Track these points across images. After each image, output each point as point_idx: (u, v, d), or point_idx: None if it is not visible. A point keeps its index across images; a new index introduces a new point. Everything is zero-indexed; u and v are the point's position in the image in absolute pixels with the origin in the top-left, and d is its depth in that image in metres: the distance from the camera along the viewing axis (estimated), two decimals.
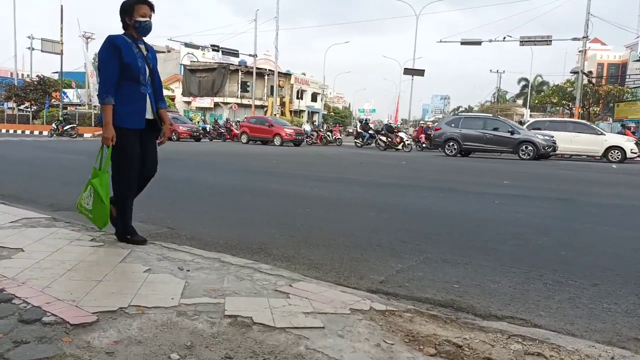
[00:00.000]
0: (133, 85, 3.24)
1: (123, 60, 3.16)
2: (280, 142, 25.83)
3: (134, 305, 2.22)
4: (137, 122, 3.28)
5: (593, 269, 3.45)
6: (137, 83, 3.25)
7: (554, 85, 45.22)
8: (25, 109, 37.44)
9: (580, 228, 5.08)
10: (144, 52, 3.32)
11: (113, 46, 3.17)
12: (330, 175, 10.01)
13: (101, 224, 3.34)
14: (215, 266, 2.93)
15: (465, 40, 33.33)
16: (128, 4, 3.26)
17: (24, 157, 12.48)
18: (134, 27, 3.26)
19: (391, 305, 2.45)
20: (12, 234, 3.48)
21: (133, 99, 3.24)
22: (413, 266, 3.38)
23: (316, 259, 3.48)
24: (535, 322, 2.44)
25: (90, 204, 3.31)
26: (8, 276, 2.53)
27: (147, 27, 3.28)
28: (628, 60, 53.16)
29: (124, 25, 3.32)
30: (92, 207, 3.30)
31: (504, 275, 3.23)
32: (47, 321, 2.00)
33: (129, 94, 3.22)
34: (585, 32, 28.47)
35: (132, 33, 3.28)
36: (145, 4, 3.27)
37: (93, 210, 3.30)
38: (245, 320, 2.11)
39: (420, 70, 38.30)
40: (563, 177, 11.46)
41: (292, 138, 26.20)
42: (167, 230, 4.24)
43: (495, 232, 4.64)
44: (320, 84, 59.05)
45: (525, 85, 56.52)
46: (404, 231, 4.56)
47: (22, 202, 5.22)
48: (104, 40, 3.22)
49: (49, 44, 35.62)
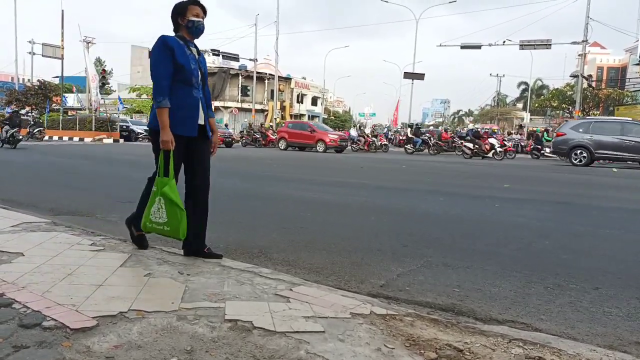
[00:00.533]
0: (185, 88, 3.09)
1: (177, 62, 3.03)
2: (324, 149, 24.16)
3: (134, 309, 2.21)
4: (189, 128, 3.11)
5: (594, 272, 3.44)
6: (190, 86, 3.11)
7: (554, 89, 45.30)
8: (26, 114, 37.47)
9: (581, 231, 5.07)
10: (196, 55, 3.20)
11: (166, 46, 3.03)
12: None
13: (181, 234, 3.05)
14: (216, 270, 2.93)
15: (465, 44, 33.43)
16: (181, 5, 3.15)
17: (24, 162, 12.49)
18: (186, 27, 3.14)
19: (392, 309, 2.44)
20: (12, 238, 3.48)
21: (185, 104, 3.09)
22: (414, 270, 3.37)
23: (316, 263, 3.48)
24: (536, 326, 2.44)
25: (163, 216, 3.04)
26: (8, 280, 2.53)
27: (200, 27, 3.17)
28: (628, 64, 53.24)
29: (175, 27, 3.20)
30: (168, 218, 3.04)
31: (504, 279, 3.23)
32: (47, 326, 1.99)
33: (182, 98, 3.08)
34: (584, 36, 28.53)
35: (183, 34, 3.15)
36: (198, 6, 3.16)
37: (169, 222, 3.03)
38: (245, 325, 2.11)
39: (420, 74, 38.38)
40: (563, 180, 11.45)
41: (337, 144, 24.50)
42: None
43: (496, 236, 4.64)
44: (321, 88, 59.16)
45: (525, 89, 56.55)
46: (405, 235, 4.55)
47: (23, 206, 5.22)
48: (156, 40, 3.07)
49: (50, 48, 35.73)
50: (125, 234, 3.98)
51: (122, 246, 3.41)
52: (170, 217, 3.03)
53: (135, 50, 56.61)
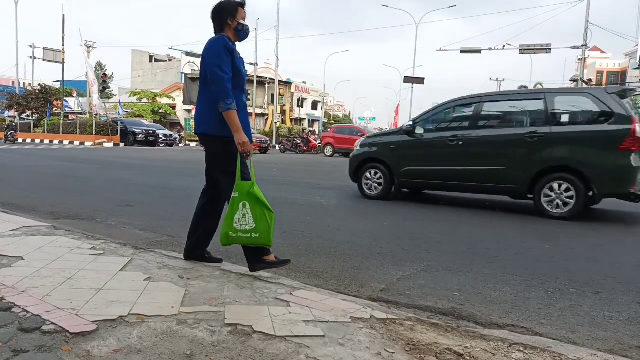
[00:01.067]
0: (238, 92, 2.95)
1: (235, 65, 2.91)
2: None
3: (134, 313, 2.21)
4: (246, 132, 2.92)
5: (594, 276, 3.44)
6: (242, 91, 3.00)
7: None
8: (26, 118, 37.54)
9: (581, 235, 5.06)
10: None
11: (227, 49, 2.87)
12: None
13: (270, 240, 2.85)
14: (216, 274, 2.93)
15: (465, 49, 33.46)
16: (232, 5, 3.01)
17: (25, 166, 12.50)
18: (235, 29, 3.00)
19: (392, 313, 2.44)
20: (12, 242, 3.48)
21: (240, 109, 2.92)
22: (414, 274, 3.37)
23: (317, 267, 3.47)
24: (537, 330, 2.43)
25: (250, 222, 2.79)
26: (8, 284, 2.53)
27: (247, 31, 3.06)
28: (627, 68, 53.35)
29: (219, 28, 3.02)
30: (256, 224, 2.80)
31: (505, 283, 3.22)
32: (46, 330, 1.99)
33: (237, 103, 2.90)
34: (584, 41, 28.58)
35: (230, 36, 2.99)
36: (244, 9, 3.05)
37: (257, 227, 2.80)
38: (245, 329, 2.11)
39: (420, 79, 38.43)
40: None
41: None
42: (168, 238, 4.23)
43: (497, 240, 4.63)
44: (321, 92, 59.24)
45: None
46: (405, 239, 4.55)
47: (23, 210, 5.22)
48: (212, 41, 2.92)
49: (51, 53, 35.82)
50: (125, 237, 3.99)
51: (122, 250, 3.40)
52: (259, 221, 2.79)
53: (135, 55, 56.78)
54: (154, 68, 55.51)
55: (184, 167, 13.15)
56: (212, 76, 2.84)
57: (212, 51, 2.89)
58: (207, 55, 2.91)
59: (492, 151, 6.38)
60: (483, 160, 6.41)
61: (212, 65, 2.85)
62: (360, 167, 7.61)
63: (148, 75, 55.12)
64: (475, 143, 6.51)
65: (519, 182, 6.11)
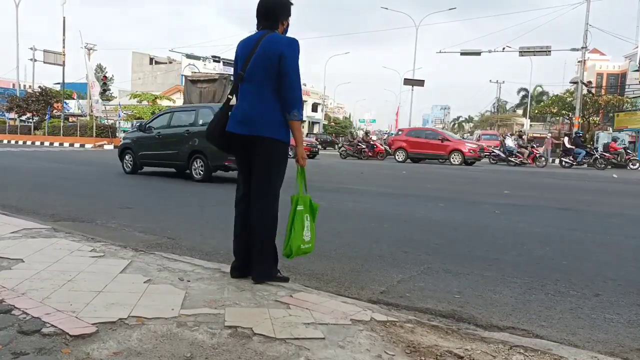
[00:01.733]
0: None
1: None
2: (460, 161, 20.71)
3: (134, 316, 2.21)
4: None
5: (595, 278, 3.44)
6: None
7: (554, 95, 45.36)
8: (27, 120, 37.57)
9: (581, 237, 5.07)
10: None
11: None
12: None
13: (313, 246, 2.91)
14: (216, 276, 2.92)
15: (464, 51, 33.54)
16: (289, 3, 2.85)
17: (26, 168, 12.50)
18: (285, 30, 2.85)
19: (392, 315, 2.43)
20: (12, 244, 3.48)
21: None
22: (414, 276, 3.37)
23: (317, 269, 3.47)
24: (537, 332, 2.43)
25: (309, 234, 2.80)
26: (8, 287, 2.52)
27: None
28: (627, 71, 53.39)
29: (273, 24, 2.80)
30: (312, 236, 2.83)
31: (505, 285, 3.22)
32: (46, 332, 1.99)
33: None
34: (584, 43, 28.62)
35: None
36: None
37: (312, 239, 2.83)
38: (245, 331, 2.10)
39: (420, 81, 38.50)
40: (562, 186, 11.45)
41: (476, 155, 21.24)
42: (168, 240, 4.23)
43: (497, 242, 4.63)
44: (321, 94, 59.29)
45: (525, 96, 56.69)
46: (405, 241, 4.55)
47: (23, 212, 5.22)
48: (293, 42, 2.72)
49: (51, 55, 35.90)
50: (125, 239, 3.98)
51: (122, 252, 3.40)
52: (313, 233, 2.84)
53: (136, 57, 56.79)
54: (154, 70, 55.51)
55: None
56: (293, 82, 2.66)
57: (295, 54, 2.69)
58: (289, 56, 2.66)
59: (172, 142, 10.03)
60: (169, 147, 10.08)
61: (294, 70, 2.67)
62: (122, 153, 11.27)
63: (148, 77, 55.12)
64: (166, 136, 10.23)
65: (183, 161, 9.74)
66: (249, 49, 2.76)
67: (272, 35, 2.74)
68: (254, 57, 2.72)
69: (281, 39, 2.73)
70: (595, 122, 39.02)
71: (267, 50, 2.68)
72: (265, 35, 2.74)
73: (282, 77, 2.65)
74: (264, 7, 2.78)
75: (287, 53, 2.66)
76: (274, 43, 2.69)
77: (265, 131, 2.70)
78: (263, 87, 2.71)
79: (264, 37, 2.73)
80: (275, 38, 2.73)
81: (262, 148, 2.73)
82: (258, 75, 2.71)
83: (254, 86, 2.74)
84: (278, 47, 2.67)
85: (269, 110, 2.71)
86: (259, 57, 2.70)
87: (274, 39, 2.72)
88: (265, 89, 2.71)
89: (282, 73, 2.65)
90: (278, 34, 2.78)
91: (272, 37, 2.73)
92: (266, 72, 2.69)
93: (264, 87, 2.71)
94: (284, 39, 2.74)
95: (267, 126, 2.70)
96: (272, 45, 2.69)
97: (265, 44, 2.70)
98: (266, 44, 2.70)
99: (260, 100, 2.72)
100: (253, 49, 2.73)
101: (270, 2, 2.79)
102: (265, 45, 2.70)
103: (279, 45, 2.68)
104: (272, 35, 2.74)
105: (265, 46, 2.69)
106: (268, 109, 2.71)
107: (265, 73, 2.69)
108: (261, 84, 2.71)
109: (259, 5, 2.80)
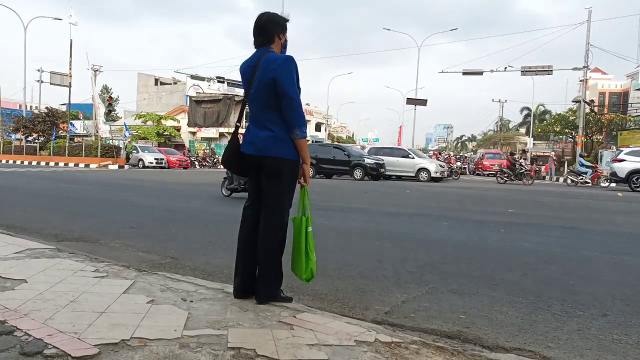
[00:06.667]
0: None
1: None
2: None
3: (137, 337, 2.19)
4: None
5: (602, 298, 3.40)
6: None
7: (557, 114, 45.50)
8: (33, 141, 37.92)
9: (588, 257, 5.02)
10: None
11: (297, 70, 2.75)
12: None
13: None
14: (219, 297, 2.91)
15: (466, 71, 33.76)
16: (283, 19, 2.89)
17: (30, 188, 12.56)
18: (283, 46, 2.89)
19: (397, 336, 2.41)
20: (15, 264, 3.48)
21: None
22: (419, 296, 3.34)
23: (320, 289, 3.44)
24: (544, 353, 2.39)
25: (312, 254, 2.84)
26: (10, 308, 2.52)
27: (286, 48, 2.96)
28: (629, 89, 53.60)
29: (268, 41, 2.84)
30: (313, 256, 2.85)
31: (511, 305, 3.19)
32: (48, 354, 1.97)
33: None
34: (585, 62, 28.82)
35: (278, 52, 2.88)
36: None
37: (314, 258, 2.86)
38: (248, 353, 2.08)
39: (422, 100, 38.74)
40: (566, 205, 11.39)
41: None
42: (171, 260, 4.22)
43: (502, 261, 4.59)
44: (324, 114, 59.66)
45: (528, 114, 56.85)
46: (409, 261, 4.52)
47: (27, 232, 5.23)
48: (288, 60, 2.74)
49: (58, 76, 36.38)
50: (128, 260, 3.98)
51: (125, 273, 3.39)
52: (313, 252, 2.85)
53: (141, 78, 57.54)
54: (159, 91, 56.16)
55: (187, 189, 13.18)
56: (291, 101, 2.68)
57: (289, 73, 2.70)
58: (283, 77, 2.68)
59: None
60: None
61: (291, 90, 2.68)
62: None
63: (153, 97, 55.74)
64: None
65: None
66: (250, 71, 2.83)
67: (268, 56, 2.78)
68: (256, 80, 2.78)
69: (275, 60, 2.75)
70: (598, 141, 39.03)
71: (264, 73, 2.74)
72: (263, 55, 2.79)
73: (280, 98, 2.70)
74: (259, 23, 2.86)
75: (279, 75, 2.69)
76: (269, 63, 2.74)
77: (272, 151, 2.74)
78: (267, 108, 2.76)
79: (262, 57, 2.79)
80: (271, 59, 2.75)
81: (270, 168, 2.77)
82: (260, 98, 2.77)
83: (258, 108, 2.80)
84: (272, 69, 2.71)
85: (274, 130, 2.74)
86: (259, 79, 2.77)
87: (269, 60, 2.75)
88: (269, 110, 2.75)
89: (279, 94, 2.69)
90: (274, 54, 2.81)
91: (268, 58, 2.77)
92: (267, 94, 2.74)
93: (267, 108, 2.75)
94: (278, 59, 2.75)
95: (272, 146, 2.74)
96: (267, 66, 2.74)
97: (263, 66, 2.75)
98: (263, 65, 2.75)
99: (265, 121, 2.76)
100: (253, 72, 2.80)
101: (265, 19, 2.85)
102: (263, 66, 2.75)
103: (273, 66, 2.72)
104: (268, 56, 2.78)
105: (263, 67, 2.75)
106: (273, 129, 2.74)
107: (266, 95, 2.74)
108: (265, 105, 2.76)
109: (255, 22, 2.88)
